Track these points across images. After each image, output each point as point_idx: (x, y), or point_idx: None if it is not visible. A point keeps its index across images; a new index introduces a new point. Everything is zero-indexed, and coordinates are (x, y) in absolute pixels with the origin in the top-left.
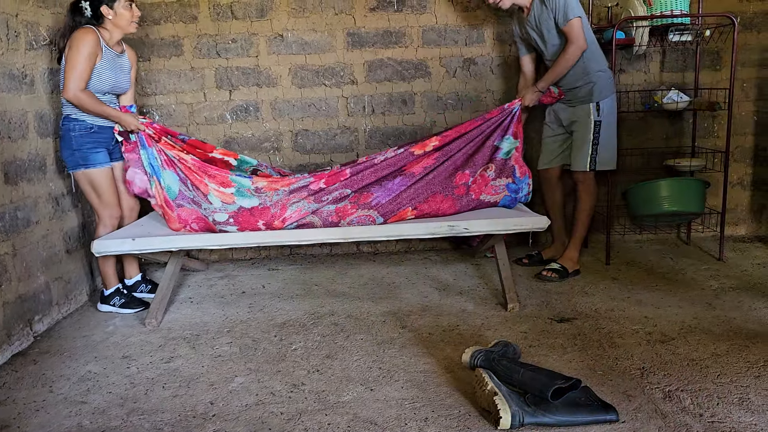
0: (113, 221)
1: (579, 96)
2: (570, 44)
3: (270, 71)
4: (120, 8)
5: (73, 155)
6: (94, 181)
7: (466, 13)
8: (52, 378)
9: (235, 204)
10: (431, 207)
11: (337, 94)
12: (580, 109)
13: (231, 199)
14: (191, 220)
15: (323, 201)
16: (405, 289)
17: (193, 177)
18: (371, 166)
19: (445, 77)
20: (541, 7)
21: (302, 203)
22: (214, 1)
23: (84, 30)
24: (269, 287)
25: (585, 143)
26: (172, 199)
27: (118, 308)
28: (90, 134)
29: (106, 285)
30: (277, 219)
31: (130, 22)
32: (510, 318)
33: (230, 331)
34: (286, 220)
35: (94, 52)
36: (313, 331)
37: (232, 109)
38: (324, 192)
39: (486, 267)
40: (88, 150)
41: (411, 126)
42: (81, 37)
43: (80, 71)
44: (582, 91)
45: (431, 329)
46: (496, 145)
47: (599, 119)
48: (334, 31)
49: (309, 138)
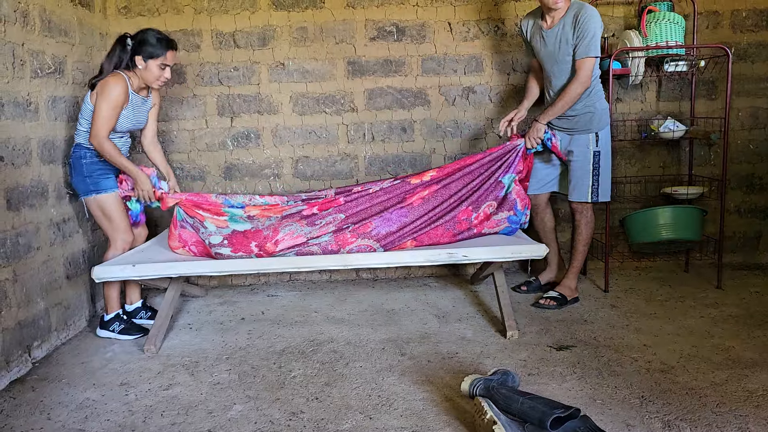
0: (125, 245)
1: (578, 125)
2: (576, 80)
3: (271, 99)
4: (153, 65)
5: (84, 182)
6: (105, 206)
7: (465, 43)
8: (50, 405)
9: (229, 228)
10: (431, 239)
11: (337, 121)
12: (579, 138)
13: (225, 224)
14: (191, 243)
15: (316, 225)
16: (404, 316)
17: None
18: (366, 193)
19: (445, 105)
20: (572, 26)
21: (295, 226)
22: (217, 30)
23: (115, 79)
24: (268, 313)
25: (585, 174)
26: (179, 220)
27: (117, 334)
28: (100, 162)
29: (107, 309)
30: (269, 241)
31: (156, 80)
32: (509, 346)
33: (229, 358)
34: (278, 242)
35: (122, 101)
36: (313, 358)
37: (233, 135)
38: (317, 216)
39: (485, 294)
40: (99, 176)
41: (410, 153)
42: (112, 87)
43: (107, 119)
44: (582, 121)
45: (430, 357)
46: (500, 181)
47: (598, 149)
48: (335, 60)
49: (309, 165)
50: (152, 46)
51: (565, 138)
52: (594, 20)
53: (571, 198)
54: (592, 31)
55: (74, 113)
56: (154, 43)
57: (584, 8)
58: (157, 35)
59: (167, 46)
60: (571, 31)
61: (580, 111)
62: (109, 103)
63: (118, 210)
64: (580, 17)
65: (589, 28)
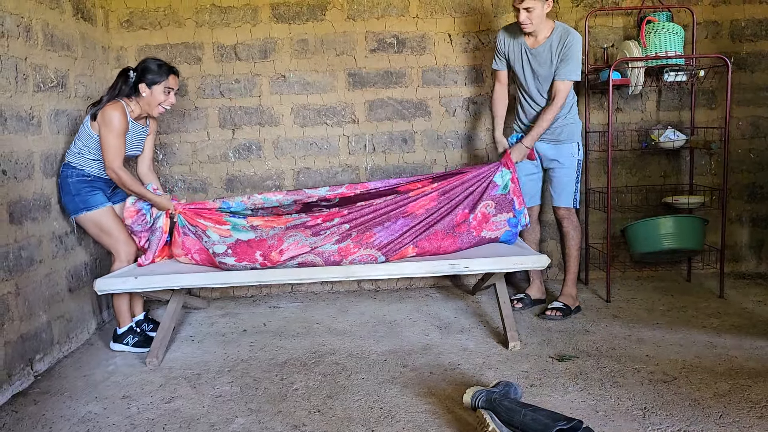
0: (129, 257)
1: (563, 136)
2: (555, 103)
3: (272, 110)
4: (157, 91)
5: (73, 200)
6: (100, 221)
7: (465, 54)
8: (52, 419)
9: (232, 237)
10: (432, 244)
11: (338, 132)
12: (563, 147)
13: (228, 233)
14: (194, 250)
15: (320, 235)
16: (406, 327)
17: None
18: (369, 206)
19: (445, 116)
20: (558, 47)
21: (299, 236)
22: (219, 43)
23: (113, 106)
24: (270, 325)
25: (570, 181)
26: (181, 227)
27: (131, 347)
28: (87, 180)
29: (119, 323)
30: (274, 250)
31: (158, 105)
32: (511, 357)
33: (231, 371)
34: (283, 251)
35: (125, 127)
36: (315, 370)
37: (234, 147)
38: (321, 227)
39: (486, 305)
40: (87, 194)
41: (411, 164)
42: (111, 114)
43: (116, 149)
44: (567, 131)
45: (432, 368)
46: (493, 181)
47: (580, 158)
48: (336, 72)
49: (311, 176)
50: (154, 72)
51: (549, 148)
52: (578, 45)
53: (558, 204)
54: (576, 57)
55: (76, 127)
56: (156, 69)
57: (571, 33)
58: (158, 62)
59: (168, 70)
60: (558, 52)
61: (564, 123)
62: (113, 131)
63: (114, 222)
64: (568, 41)
65: (574, 52)
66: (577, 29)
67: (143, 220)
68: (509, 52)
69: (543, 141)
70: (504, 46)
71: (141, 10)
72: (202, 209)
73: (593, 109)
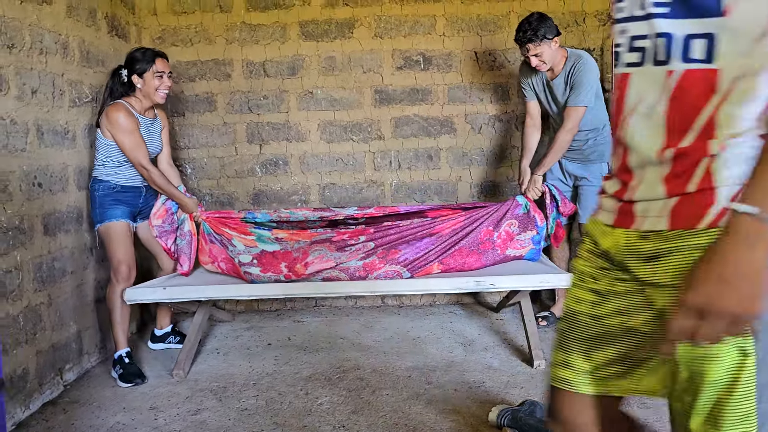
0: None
1: (592, 156)
2: (564, 129)
3: (299, 126)
4: (149, 78)
5: (95, 212)
6: (110, 232)
7: (491, 72)
8: (81, 428)
9: (258, 248)
10: (457, 261)
11: (364, 149)
12: (593, 166)
13: (253, 243)
14: (220, 259)
15: (345, 251)
16: (430, 343)
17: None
18: (396, 226)
19: (471, 133)
20: (570, 73)
21: (324, 251)
22: (248, 60)
23: (113, 107)
24: (295, 339)
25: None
26: (207, 234)
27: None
28: (113, 192)
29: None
30: (299, 263)
31: (156, 91)
32: (536, 375)
33: (256, 384)
34: (308, 264)
35: (133, 123)
36: (339, 385)
37: (261, 162)
38: (346, 243)
39: (511, 322)
40: (109, 206)
41: (437, 181)
42: (115, 117)
43: (134, 145)
44: (596, 152)
45: (457, 386)
46: (516, 199)
47: None
48: (362, 89)
49: (336, 191)
50: (140, 60)
51: (578, 167)
52: (589, 72)
53: (583, 221)
54: (586, 83)
55: None
56: (141, 57)
57: (581, 59)
58: (142, 50)
59: (153, 55)
60: (569, 80)
61: (594, 144)
62: (124, 130)
63: (123, 238)
64: (578, 67)
65: (583, 80)
66: (604, 48)
67: (172, 220)
68: (533, 85)
69: (572, 161)
70: (526, 78)
71: (173, 27)
72: (227, 218)
73: None
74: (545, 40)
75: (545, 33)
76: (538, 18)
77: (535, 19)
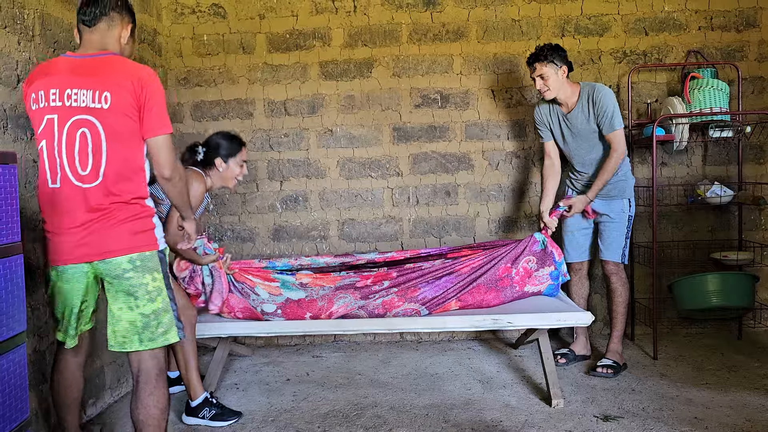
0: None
1: (614, 192)
2: (614, 151)
3: (319, 163)
4: (233, 164)
5: None
6: None
7: (508, 109)
8: None
9: (282, 296)
10: (475, 298)
11: (382, 185)
12: (614, 202)
13: (278, 291)
14: (237, 309)
15: (370, 298)
16: (448, 380)
17: (238, 276)
18: (418, 269)
19: (488, 170)
20: (589, 106)
21: (349, 298)
22: (269, 99)
23: (197, 177)
24: (313, 375)
25: (620, 236)
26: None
27: (209, 421)
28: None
29: (191, 395)
30: (324, 312)
31: (233, 179)
32: (554, 414)
33: (275, 420)
34: (332, 314)
35: (202, 200)
36: (357, 422)
37: (282, 198)
38: (370, 290)
39: (529, 359)
40: None
41: (455, 216)
42: (196, 185)
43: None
44: (618, 188)
45: (474, 424)
46: (533, 236)
47: (631, 214)
48: (381, 126)
49: (355, 227)
50: (228, 147)
51: (600, 203)
52: (608, 97)
53: (606, 257)
54: (611, 108)
55: None
56: (229, 144)
57: (596, 88)
58: (230, 136)
59: (240, 144)
60: (591, 110)
61: (615, 180)
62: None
63: None
64: (595, 97)
65: (607, 105)
66: (620, 85)
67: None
68: (549, 123)
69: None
70: (542, 116)
71: (197, 68)
72: (249, 267)
73: (637, 164)
74: (552, 64)
75: (554, 58)
76: (552, 45)
77: (548, 45)
